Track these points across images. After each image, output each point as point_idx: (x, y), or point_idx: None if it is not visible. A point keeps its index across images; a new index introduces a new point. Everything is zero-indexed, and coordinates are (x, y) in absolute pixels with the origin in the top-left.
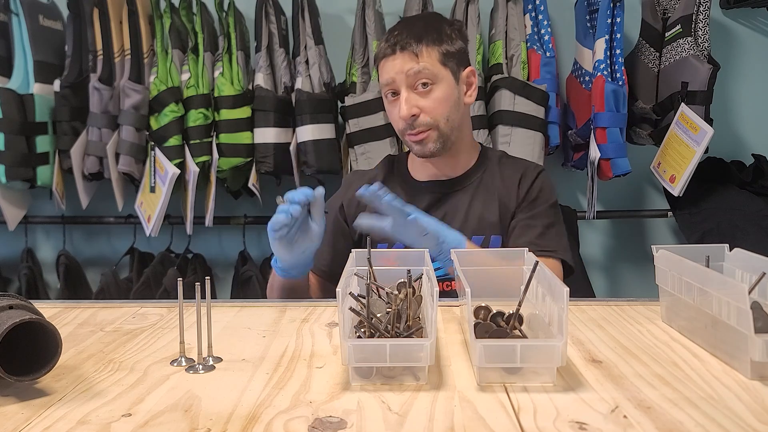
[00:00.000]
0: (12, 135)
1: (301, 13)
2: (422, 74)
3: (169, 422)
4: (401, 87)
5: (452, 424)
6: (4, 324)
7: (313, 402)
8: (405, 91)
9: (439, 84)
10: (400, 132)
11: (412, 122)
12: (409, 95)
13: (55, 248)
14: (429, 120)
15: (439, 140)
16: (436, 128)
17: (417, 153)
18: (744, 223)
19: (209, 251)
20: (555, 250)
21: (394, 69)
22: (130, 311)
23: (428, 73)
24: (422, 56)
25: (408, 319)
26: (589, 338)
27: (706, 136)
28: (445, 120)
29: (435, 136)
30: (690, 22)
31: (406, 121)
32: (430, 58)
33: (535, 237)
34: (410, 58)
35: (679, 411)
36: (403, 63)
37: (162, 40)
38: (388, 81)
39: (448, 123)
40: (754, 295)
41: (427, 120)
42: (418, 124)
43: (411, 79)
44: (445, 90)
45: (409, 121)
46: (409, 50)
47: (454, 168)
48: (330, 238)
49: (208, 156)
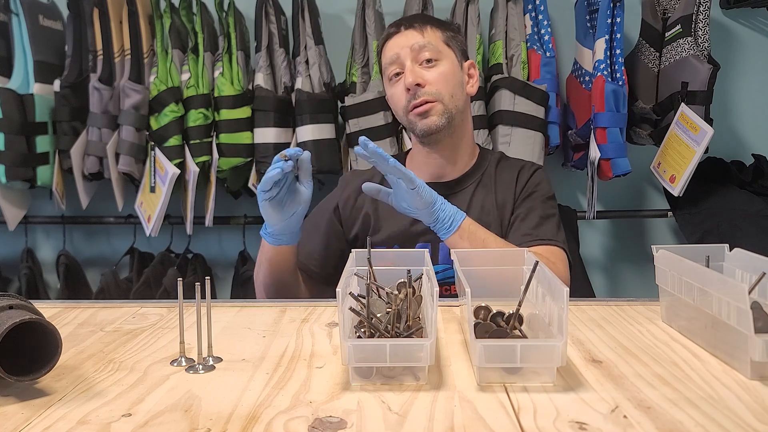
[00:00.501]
0: (12, 135)
1: (301, 13)
2: (427, 48)
3: (169, 422)
4: (406, 61)
5: (452, 424)
6: (4, 324)
7: (313, 402)
8: (410, 63)
9: (443, 61)
10: (404, 109)
11: (416, 92)
12: (413, 67)
13: (55, 248)
14: (434, 91)
15: (444, 115)
16: (440, 101)
17: (421, 128)
18: (744, 223)
19: (209, 251)
20: (552, 239)
21: (398, 45)
22: (130, 311)
23: (432, 48)
24: (427, 33)
25: (408, 319)
26: (589, 338)
27: (706, 136)
28: (449, 95)
29: (440, 109)
30: (690, 22)
31: (411, 91)
32: (435, 36)
33: (530, 228)
34: (417, 32)
35: (679, 411)
36: (407, 39)
37: (162, 40)
38: (392, 58)
39: (452, 100)
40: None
41: (432, 90)
42: (422, 93)
43: (416, 53)
44: (449, 67)
45: (414, 90)
46: (414, 27)
47: (453, 168)
48: (323, 239)
49: (208, 156)
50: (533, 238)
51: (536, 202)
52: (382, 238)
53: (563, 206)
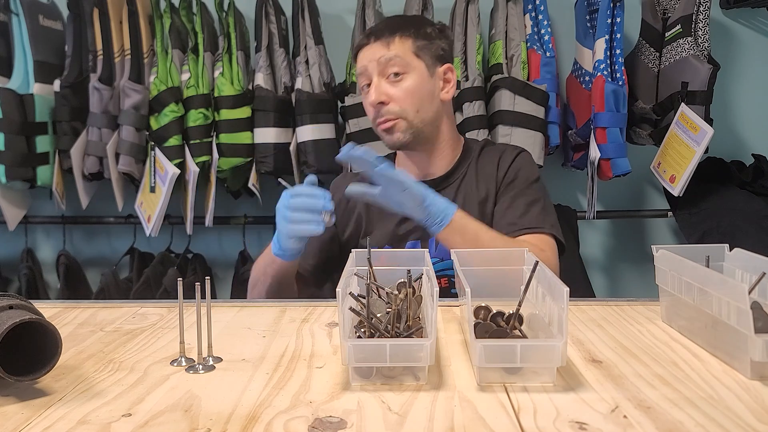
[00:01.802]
0: (12, 135)
1: (301, 13)
2: (393, 62)
3: (169, 422)
4: (373, 75)
5: (452, 424)
6: (4, 324)
7: (313, 402)
8: (376, 78)
9: (410, 74)
10: (372, 122)
11: (380, 110)
12: (380, 82)
13: (55, 248)
14: (397, 109)
15: (408, 131)
16: (404, 118)
17: (387, 143)
18: (744, 223)
19: (209, 251)
20: (539, 226)
21: (366, 57)
22: (130, 311)
23: (399, 62)
24: (394, 45)
25: (408, 319)
26: (589, 338)
27: (706, 136)
28: (414, 111)
29: (404, 126)
30: (690, 22)
31: (375, 108)
32: (403, 47)
33: (516, 217)
34: (383, 45)
35: (679, 411)
36: (374, 51)
37: (162, 40)
38: (361, 70)
39: (418, 115)
40: (754, 295)
41: (395, 109)
42: (385, 112)
43: (382, 66)
44: (416, 81)
45: (377, 108)
46: (382, 39)
47: (436, 167)
48: (316, 242)
49: (208, 156)
50: (519, 227)
51: (519, 189)
52: (375, 239)
53: (563, 206)
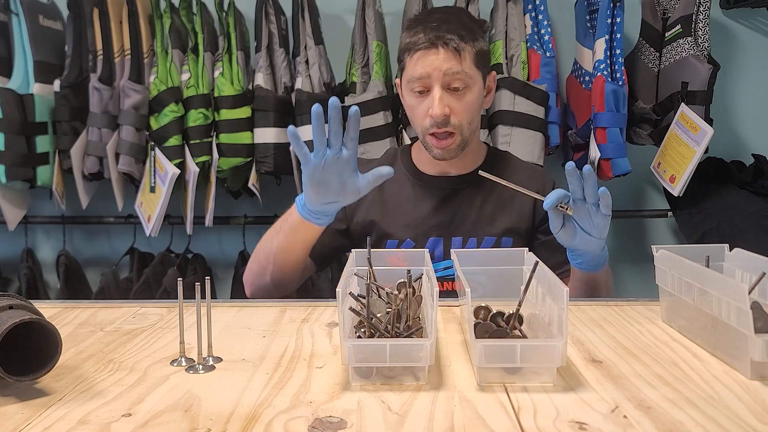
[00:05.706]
0: (12, 135)
1: (301, 13)
2: (459, 76)
3: (169, 422)
4: (435, 84)
5: (452, 424)
6: (4, 324)
7: (313, 402)
8: (439, 89)
9: (472, 88)
10: (422, 128)
11: (439, 121)
12: (444, 95)
13: (55, 248)
14: (457, 122)
15: (461, 144)
16: (461, 133)
17: (435, 154)
18: (744, 223)
19: (209, 251)
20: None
21: (431, 64)
22: (130, 311)
23: (465, 77)
24: (463, 58)
25: (408, 319)
26: (589, 338)
27: (706, 136)
28: (468, 123)
29: (459, 140)
30: (690, 22)
31: (438, 120)
32: (468, 59)
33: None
34: (452, 56)
35: (679, 411)
36: (443, 60)
37: (162, 40)
38: (421, 75)
39: (470, 126)
40: (754, 295)
41: (456, 122)
42: (444, 123)
43: (448, 78)
44: (475, 95)
45: (441, 120)
46: (451, 47)
47: (463, 165)
48: None
49: (208, 156)
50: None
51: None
52: (394, 229)
53: None
